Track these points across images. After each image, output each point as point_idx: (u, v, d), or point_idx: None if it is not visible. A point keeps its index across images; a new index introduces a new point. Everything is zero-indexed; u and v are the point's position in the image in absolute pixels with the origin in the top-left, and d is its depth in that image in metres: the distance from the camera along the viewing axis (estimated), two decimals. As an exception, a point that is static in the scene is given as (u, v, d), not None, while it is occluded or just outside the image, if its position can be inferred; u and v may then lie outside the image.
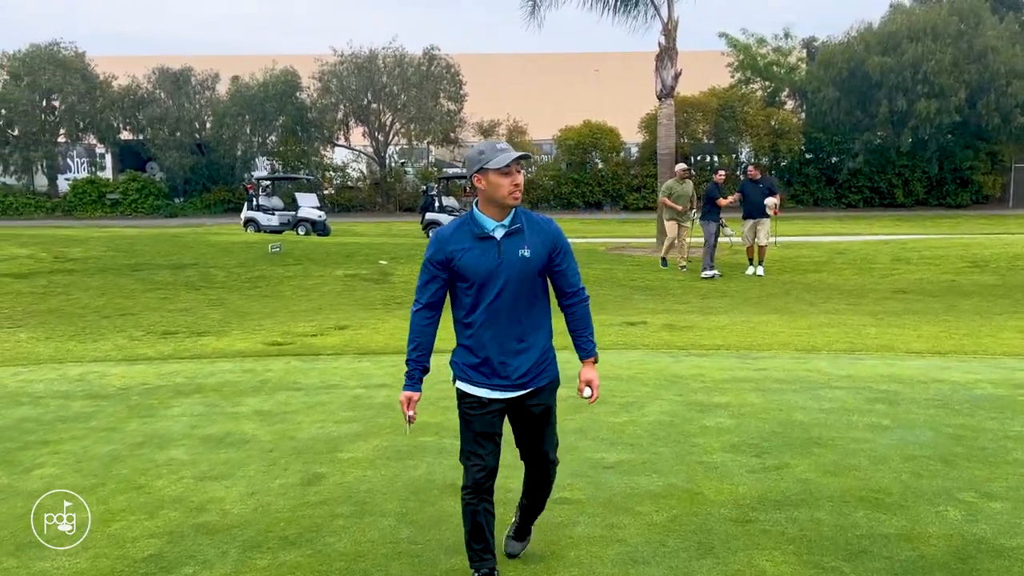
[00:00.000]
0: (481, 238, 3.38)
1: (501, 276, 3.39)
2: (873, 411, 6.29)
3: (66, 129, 40.63)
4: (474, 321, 3.47)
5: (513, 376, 3.58)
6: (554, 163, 42.75)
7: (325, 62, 40.80)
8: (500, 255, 3.37)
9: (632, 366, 7.91)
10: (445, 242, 3.40)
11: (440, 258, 3.41)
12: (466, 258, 3.37)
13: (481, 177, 3.34)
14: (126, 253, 16.01)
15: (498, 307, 3.44)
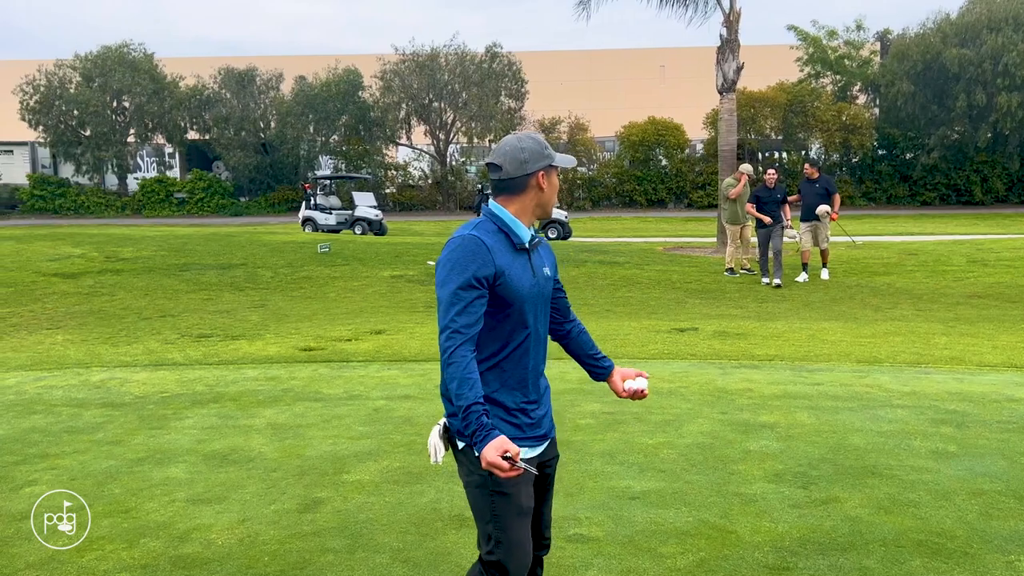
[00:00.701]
0: (520, 250, 2.69)
1: (538, 299, 2.73)
2: (937, 434, 5.66)
3: (135, 129, 41.48)
4: (508, 357, 2.68)
5: (546, 424, 2.84)
6: (617, 160, 42.05)
7: (387, 61, 40.84)
8: (535, 273, 2.73)
9: (675, 378, 7.37)
10: (491, 252, 2.59)
11: (489, 273, 2.56)
12: (513, 275, 2.62)
13: (545, 176, 2.69)
14: (177, 253, 16.01)
15: (533, 338, 2.74)
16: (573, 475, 5.01)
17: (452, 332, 2.52)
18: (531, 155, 2.68)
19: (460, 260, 2.57)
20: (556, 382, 7.25)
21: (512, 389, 2.69)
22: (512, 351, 2.67)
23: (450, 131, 41.87)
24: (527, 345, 2.70)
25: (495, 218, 2.70)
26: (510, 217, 2.70)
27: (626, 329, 10.01)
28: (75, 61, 40.49)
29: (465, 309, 2.53)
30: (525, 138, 2.72)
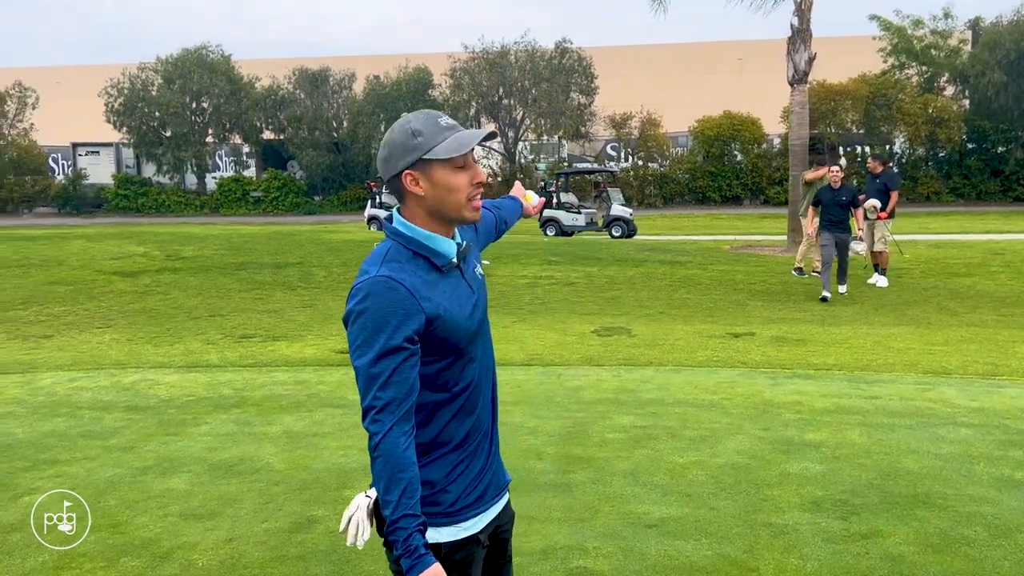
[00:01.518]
0: (448, 269, 2.09)
1: (482, 321, 2.17)
2: (1004, 459, 5.08)
3: (213, 130, 42.37)
4: (457, 409, 2.10)
5: (503, 477, 2.29)
6: (690, 156, 41.12)
7: (457, 59, 40.79)
8: (473, 289, 2.16)
9: (720, 389, 6.89)
10: (413, 294, 1.96)
11: (416, 324, 1.95)
12: (450, 310, 2.03)
13: (418, 175, 2.02)
14: (236, 251, 16.08)
15: (483, 377, 2.16)
16: (588, 497, 4.63)
17: (377, 413, 1.93)
18: (392, 150, 2.04)
19: (374, 316, 1.94)
20: (590, 391, 6.88)
21: (471, 439, 2.16)
22: (462, 398, 2.10)
23: (519, 128, 41.59)
24: (473, 389, 2.13)
25: (404, 239, 2.05)
26: (422, 233, 2.05)
27: (677, 334, 9.53)
28: (156, 64, 41.55)
29: (390, 380, 1.93)
30: (396, 126, 2.07)
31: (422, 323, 1.97)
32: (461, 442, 2.11)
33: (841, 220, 11.86)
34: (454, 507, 2.09)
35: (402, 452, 1.94)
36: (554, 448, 5.46)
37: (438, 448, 2.08)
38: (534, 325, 10.19)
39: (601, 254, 16.32)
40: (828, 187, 12.07)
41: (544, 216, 24.43)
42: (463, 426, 2.12)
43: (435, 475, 2.07)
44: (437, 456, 2.08)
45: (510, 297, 12.52)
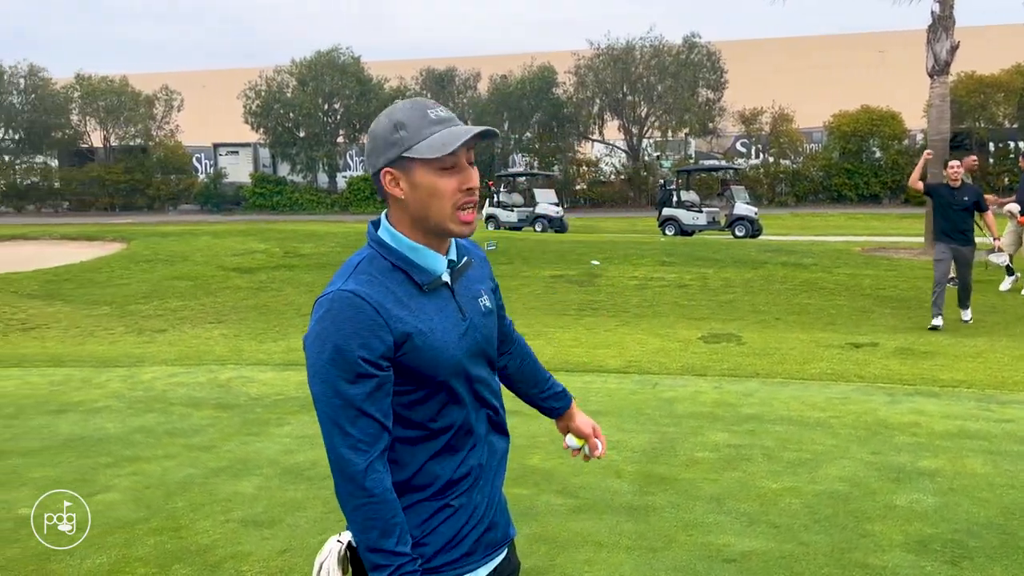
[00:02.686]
0: (432, 288, 1.80)
1: (472, 354, 1.84)
2: None
3: (344, 130, 43.58)
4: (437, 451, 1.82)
5: (501, 526, 1.98)
6: (824, 152, 39.34)
7: (581, 56, 40.46)
8: (464, 314, 1.85)
9: (829, 406, 6.34)
10: (381, 312, 1.69)
11: (383, 347, 1.68)
12: (428, 333, 1.74)
13: (398, 175, 1.75)
14: (351, 249, 16.19)
15: (476, 411, 1.88)
16: (665, 523, 4.25)
17: (348, 451, 1.67)
18: (375, 143, 1.78)
19: (334, 337, 1.67)
20: (685, 403, 6.46)
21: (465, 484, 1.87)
22: (436, 446, 1.80)
23: (643, 125, 40.85)
24: (461, 430, 1.82)
25: (385, 248, 1.79)
26: (407, 244, 1.78)
27: (791, 342, 8.93)
28: (291, 67, 43.04)
29: (360, 415, 1.66)
30: (383, 115, 1.80)
31: (391, 346, 1.69)
32: (442, 489, 1.82)
33: (963, 228, 9.59)
34: (431, 563, 1.81)
35: (386, 489, 1.70)
36: (635, 466, 5.10)
37: (412, 492, 1.80)
38: (637, 329, 9.78)
39: (719, 254, 15.66)
40: (945, 186, 9.80)
41: (663, 215, 23.82)
42: (445, 471, 1.82)
43: (410, 525, 1.78)
44: (411, 503, 1.79)
45: (617, 299, 12.13)
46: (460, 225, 1.79)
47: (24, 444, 5.72)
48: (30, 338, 10.17)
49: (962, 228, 9.57)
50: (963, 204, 9.59)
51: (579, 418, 2.25)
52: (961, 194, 9.59)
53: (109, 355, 9.08)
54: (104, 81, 43.85)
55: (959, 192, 9.59)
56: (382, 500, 1.69)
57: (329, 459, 1.72)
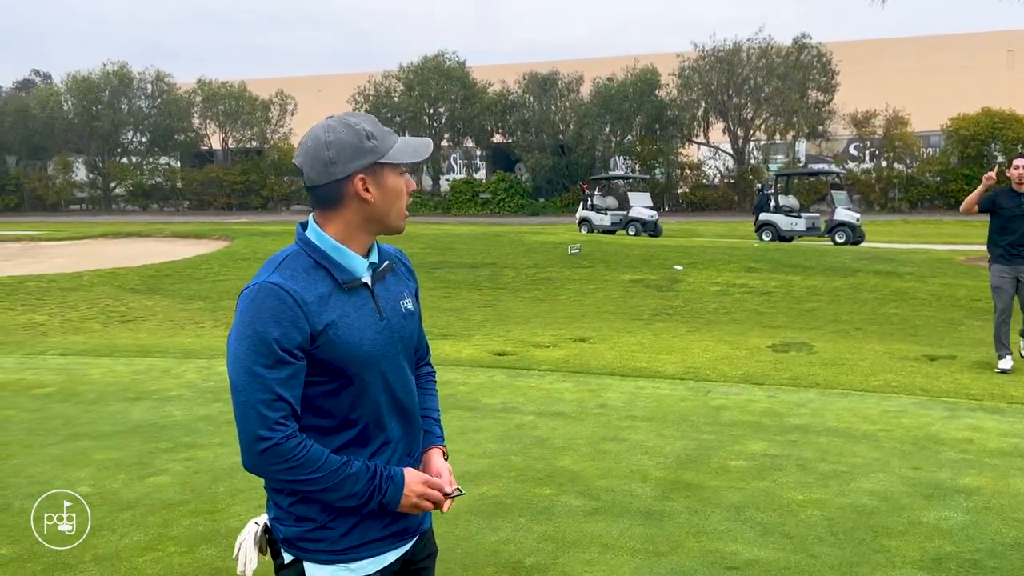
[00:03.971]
0: (352, 288, 1.91)
1: (393, 352, 1.96)
2: None
3: (448, 134, 44.39)
4: (345, 442, 1.91)
5: (414, 518, 2.04)
6: (941, 157, 37.69)
7: (686, 58, 40.00)
8: (382, 314, 1.96)
9: (883, 418, 6.16)
10: (301, 305, 1.81)
11: (300, 337, 1.79)
12: (344, 328, 1.86)
13: (370, 179, 1.89)
14: (438, 251, 16.66)
15: (388, 411, 1.97)
16: (677, 529, 4.26)
17: (266, 431, 1.76)
18: (340, 152, 1.87)
19: (255, 325, 1.78)
20: (733, 411, 6.39)
21: None
22: (345, 438, 1.90)
23: (750, 128, 40.04)
24: (371, 424, 1.93)
25: (310, 247, 1.91)
26: (331, 244, 1.90)
27: (863, 353, 8.68)
28: (399, 72, 44.13)
29: (277, 399, 1.78)
30: (338, 126, 1.89)
31: (307, 337, 1.82)
32: None
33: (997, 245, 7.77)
34: (337, 546, 1.92)
35: (310, 450, 1.81)
36: (664, 472, 5.10)
37: None
38: (707, 336, 9.68)
39: (810, 262, 15.27)
40: (1008, 190, 7.76)
41: (760, 220, 23.30)
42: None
43: (314, 512, 1.91)
44: None
45: (694, 305, 12.00)
46: (403, 222, 2.01)
47: (97, 428, 6.15)
48: (126, 329, 10.84)
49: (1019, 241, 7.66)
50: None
51: (434, 465, 2.12)
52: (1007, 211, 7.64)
53: (194, 347, 9.60)
54: (224, 86, 46.04)
55: (1023, 198, 7.61)
56: (308, 458, 1.79)
57: (242, 442, 1.82)
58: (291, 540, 1.93)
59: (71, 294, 13.03)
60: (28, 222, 35.53)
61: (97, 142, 46.20)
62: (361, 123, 1.91)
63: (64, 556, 4.07)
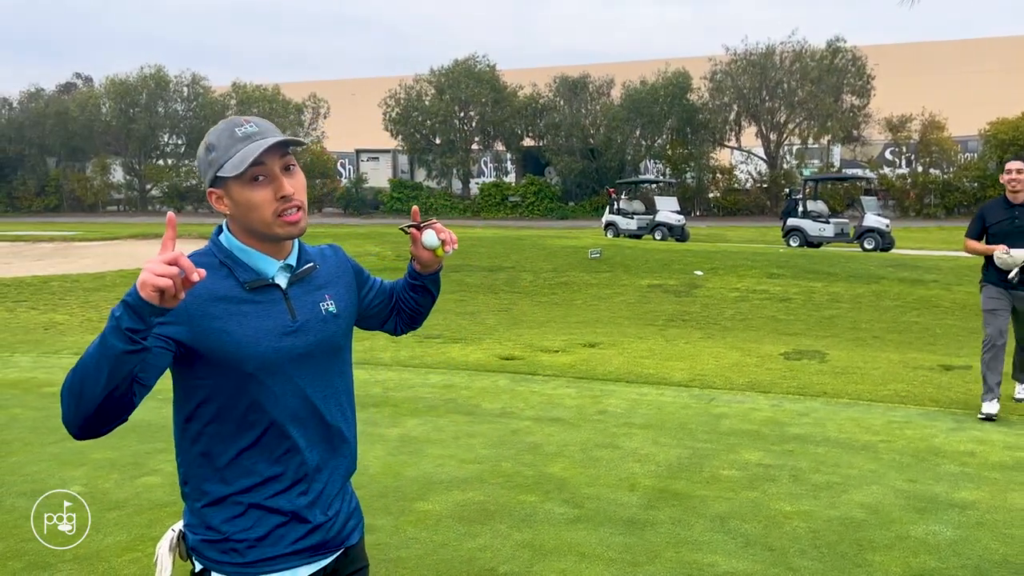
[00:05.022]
0: (256, 288, 1.91)
1: (300, 354, 1.93)
2: None
3: (479, 137, 44.45)
4: (246, 446, 1.89)
5: (334, 526, 2.01)
6: (979, 162, 36.97)
7: (718, 62, 39.70)
8: (295, 317, 1.95)
9: (886, 429, 6.04)
10: (191, 296, 1.76)
11: (170, 331, 1.77)
12: (233, 327, 1.84)
13: (220, 193, 1.87)
14: (460, 255, 16.64)
15: (299, 411, 1.93)
16: (657, 539, 4.21)
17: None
18: (200, 164, 1.91)
19: None
20: (733, 420, 6.30)
21: (282, 482, 1.92)
22: (245, 441, 1.87)
23: (782, 132, 39.61)
24: (277, 429, 1.89)
25: (217, 247, 1.93)
26: (237, 245, 1.91)
27: (878, 362, 8.52)
28: (430, 75, 44.26)
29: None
30: (210, 134, 1.89)
31: (181, 331, 1.79)
32: (256, 486, 1.90)
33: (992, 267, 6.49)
34: (244, 558, 1.89)
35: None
36: (654, 480, 5.04)
37: (225, 486, 1.90)
38: (720, 343, 9.57)
39: (835, 268, 15.05)
40: (1000, 201, 6.57)
41: (788, 226, 23.04)
42: (258, 467, 1.90)
43: (216, 520, 1.89)
44: (223, 496, 1.89)
45: (711, 311, 11.88)
46: (286, 227, 1.89)
47: (97, 427, 6.22)
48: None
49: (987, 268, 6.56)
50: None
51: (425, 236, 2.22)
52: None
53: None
54: (258, 90, 46.52)
55: (1020, 211, 6.36)
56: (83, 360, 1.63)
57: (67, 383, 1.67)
58: (198, 549, 1.91)
59: (93, 294, 13.23)
60: (65, 223, 36.18)
61: (134, 144, 46.91)
62: (212, 136, 1.88)
63: (45, 555, 4.12)
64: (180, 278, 1.55)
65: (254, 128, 1.88)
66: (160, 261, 1.54)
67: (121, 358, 1.58)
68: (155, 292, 1.53)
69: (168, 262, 1.54)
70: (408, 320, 2.36)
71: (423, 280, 2.31)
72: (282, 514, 1.92)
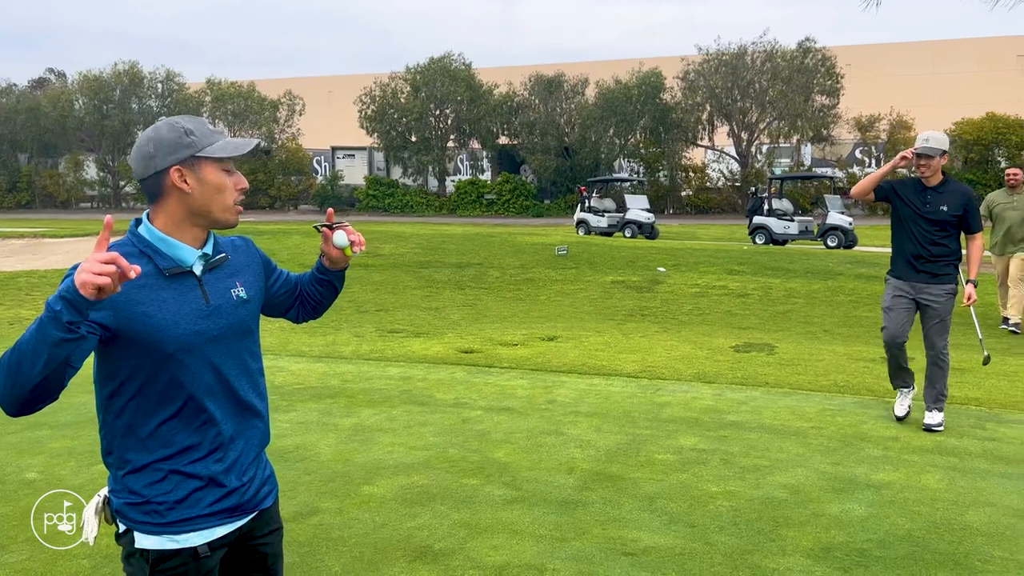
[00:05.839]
0: (174, 275, 2.10)
1: (214, 336, 2.14)
2: (1101, 526, 4.26)
3: (454, 135, 44.61)
4: (167, 417, 2.10)
5: (249, 491, 2.23)
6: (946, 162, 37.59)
7: (691, 62, 40.10)
8: (209, 302, 2.15)
9: (818, 417, 6.32)
10: None
11: (95, 316, 1.94)
12: (151, 313, 2.03)
13: (187, 171, 2.08)
14: (429, 251, 16.87)
15: (214, 387, 2.15)
16: (587, 517, 4.45)
17: None
18: (158, 146, 2.08)
19: (63, 289, 1.83)
20: (675, 408, 6.56)
21: (199, 450, 2.13)
22: (165, 413, 2.09)
23: (754, 131, 40.09)
24: (194, 402, 2.11)
25: (137, 237, 2.11)
26: (157, 235, 2.10)
27: (823, 355, 8.82)
28: (405, 73, 44.36)
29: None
30: (162, 126, 2.11)
31: (106, 316, 1.97)
32: (176, 454, 2.11)
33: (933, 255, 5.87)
34: (163, 519, 2.09)
35: None
36: (591, 464, 5.29)
37: (147, 453, 2.10)
38: (674, 336, 9.84)
39: (794, 265, 15.39)
40: (915, 182, 5.95)
41: (753, 224, 23.44)
42: (178, 438, 2.11)
43: (138, 485, 2.10)
44: (146, 463, 2.10)
45: (670, 306, 12.16)
46: (235, 216, 2.18)
47: (57, 418, 6.38)
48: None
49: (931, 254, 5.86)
50: (936, 214, 5.81)
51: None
52: (937, 200, 5.81)
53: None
54: (233, 86, 46.42)
55: (932, 195, 5.82)
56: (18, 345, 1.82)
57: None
58: (122, 511, 2.12)
59: (62, 290, 13.32)
60: (38, 219, 35.99)
61: (107, 141, 46.71)
62: (183, 123, 2.12)
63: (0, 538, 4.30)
64: (117, 275, 1.73)
65: (219, 128, 2.19)
66: (99, 261, 1.71)
67: (59, 345, 1.78)
68: (94, 289, 1.71)
69: (106, 261, 1.71)
70: (311, 310, 2.57)
71: (330, 276, 2.51)
72: (199, 479, 2.14)
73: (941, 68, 43.09)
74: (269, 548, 2.32)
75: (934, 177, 5.87)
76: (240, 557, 2.27)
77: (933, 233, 5.84)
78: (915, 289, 5.96)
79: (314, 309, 2.57)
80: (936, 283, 5.89)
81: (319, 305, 2.56)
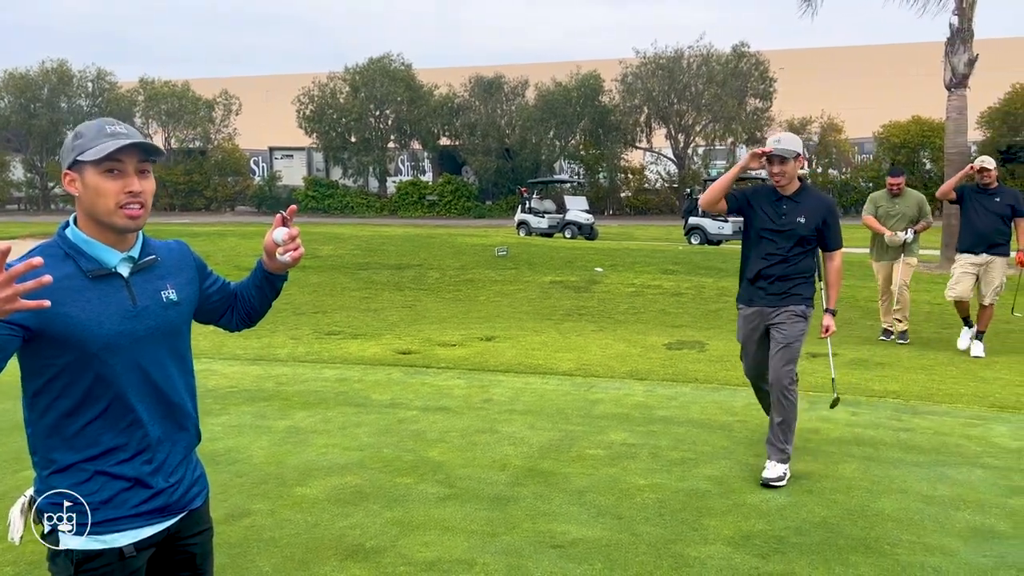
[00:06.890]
0: (98, 276, 2.14)
1: (140, 336, 2.17)
2: (997, 507, 4.54)
3: (394, 136, 44.41)
4: (92, 418, 2.13)
5: (176, 492, 2.28)
6: (873, 163, 38.72)
7: (628, 64, 40.59)
8: (136, 303, 2.19)
9: (744, 411, 6.52)
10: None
11: (17, 317, 1.94)
12: (76, 311, 2.07)
13: (76, 175, 2.12)
14: (368, 252, 16.83)
15: (141, 388, 2.18)
16: (517, 512, 4.55)
17: None
18: (63, 151, 2.17)
19: None
20: (607, 405, 6.70)
21: (125, 450, 2.16)
22: (90, 414, 2.12)
23: (690, 133, 40.76)
24: (118, 402, 2.13)
25: (62, 239, 2.16)
26: (81, 237, 2.14)
27: (720, 351, 9.07)
28: (344, 73, 44.02)
29: None
30: (81, 126, 2.17)
31: (29, 320, 1.99)
32: (102, 455, 2.14)
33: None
34: (87, 519, 2.12)
35: None
36: (524, 461, 5.39)
37: (73, 453, 2.13)
38: (610, 335, 10.01)
39: (727, 264, 15.73)
40: (769, 190, 5.28)
41: (689, 224, 23.90)
42: (104, 438, 2.14)
43: (63, 485, 2.12)
44: (72, 463, 2.13)
45: (607, 305, 12.35)
46: (125, 220, 2.14)
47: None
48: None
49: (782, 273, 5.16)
50: (793, 226, 5.14)
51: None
52: (793, 211, 5.15)
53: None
54: (166, 85, 45.50)
55: (788, 206, 5.18)
56: None
57: None
58: (47, 512, 2.14)
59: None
60: (-39, 222, 34.80)
61: (35, 141, 45.38)
62: (83, 127, 2.15)
63: (-77, 543, 4.22)
64: (22, 289, 1.76)
65: (123, 130, 2.15)
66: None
67: None
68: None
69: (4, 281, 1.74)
70: (245, 317, 2.57)
71: (267, 276, 2.49)
72: (126, 480, 2.17)
73: (868, 72, 44.33)
74: (198, 548, 2.36)
75: (790, 185, 5.14)
76: (169, 557, 2.31)
77: (788, 250, 5.06)
78: (763, 316, 5.19)
79: (248, 316, 2.57)
80: (784, 304, 5.08)
81: (253, 312, 2.57)
